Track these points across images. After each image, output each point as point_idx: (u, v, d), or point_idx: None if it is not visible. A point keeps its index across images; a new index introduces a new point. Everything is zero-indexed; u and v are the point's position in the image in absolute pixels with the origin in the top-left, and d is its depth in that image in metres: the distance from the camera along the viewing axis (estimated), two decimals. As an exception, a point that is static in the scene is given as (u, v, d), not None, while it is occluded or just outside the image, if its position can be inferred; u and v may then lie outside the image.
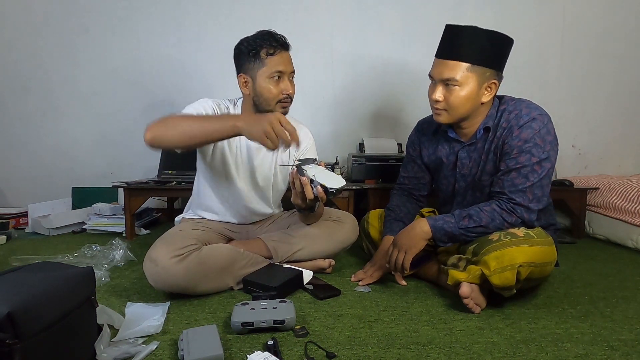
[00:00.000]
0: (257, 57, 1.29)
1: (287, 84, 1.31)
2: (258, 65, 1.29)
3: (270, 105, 1.32)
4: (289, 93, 1.32)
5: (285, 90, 1.31)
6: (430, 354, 0.93)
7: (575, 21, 2.45)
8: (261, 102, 1.33)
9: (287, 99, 1.33)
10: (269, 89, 1.30)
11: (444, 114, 1.27)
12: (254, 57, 1.29)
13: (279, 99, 1.31)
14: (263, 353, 0.87)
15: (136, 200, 2.05)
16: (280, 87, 1.30)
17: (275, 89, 1.30)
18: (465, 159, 1.35)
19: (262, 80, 1.30)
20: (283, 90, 1.31)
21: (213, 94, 2.40)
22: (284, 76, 1.31)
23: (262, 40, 1.29)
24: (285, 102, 1.33)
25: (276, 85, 1.30)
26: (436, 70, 1.25)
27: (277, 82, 1.30)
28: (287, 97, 1.32)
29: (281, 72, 1.29)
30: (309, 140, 1.50)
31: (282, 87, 1.31)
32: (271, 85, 1.30)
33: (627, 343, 0.98)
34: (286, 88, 1.31)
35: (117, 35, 2.45)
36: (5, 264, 1.62)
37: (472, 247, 1.21)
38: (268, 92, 1.30)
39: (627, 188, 1.98)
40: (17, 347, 0.65)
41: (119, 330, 1.00)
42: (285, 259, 1.43)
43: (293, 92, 1.34)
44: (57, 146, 2.53)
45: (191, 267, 1.20)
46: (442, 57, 1.24)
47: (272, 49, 1.28)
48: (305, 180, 1.14)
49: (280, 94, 1.31)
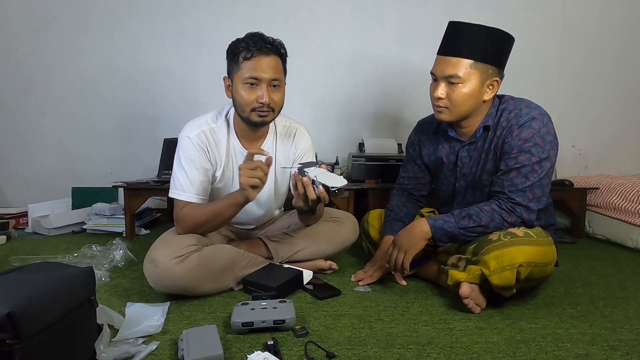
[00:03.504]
0: (236, 60, 1.23)
1: (262, 92, 1.21)
2: (236, 68, 1.24)
3: (245, 112, 1.25)
4: (264, 101, 1.21)
5: (260, 99, 1.21)
6: (430, 354, 0.93)
7: (575, 21, 2.45)
8: (237, 108, 1.28)
9: (264, 107, 1.23)
10: (242, 95, 1.23)
11: (446, 112, 1.27)
12: (235, 59, 1.24)
13: (253, 107, 1.23)
14: (263, 353, 0.87)
15: (136, 200, 2.05)
16: (255, 94, 1.22)
17: (248, 95, 1.22)
18: (465, 159, 1.35)
19: (238, 85, 1.23)
20: (258, 99, 1.21)
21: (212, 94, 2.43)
22: (260, 83, 1.21)
23: (244, 42, 1.22)
24: (262, 111, 1.23)
25: (250, 92, 1.22)
26: (438, 67, 1.25)
27: (252, 89, 1.22)
28: (262, 105, 1.22)
29: (255, 79, 1.21)
30: (307, 141, 1.49)
31: (257, 94, 1.21)
32: (244, 92, 1.22)
33: (627, 343, 0.98)
34: (260, 97, 1.21)
35: (117, 35, 2.45)
36: (5, 264, 1.62)
37: (472, 247, 1.21)
38: (241, 99, 1.23)
39: (627, 188, 1.98)
40: (17, 347, 0.65)
41: (119, 330, 1.00)
42: (286, 259, 1.44)
43: (273, 101, 1.24)
44: (57, 146, 2.53)
45: (191, 268, 1.19)
46: (444, 54, 1.24)
47: (250, 52, 1.20)
48: (307, 181, 1.14)
49: (254, 102, 1.22)
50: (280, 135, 1.44)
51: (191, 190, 1.30)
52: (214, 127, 1.34)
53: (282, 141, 1.44)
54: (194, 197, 1.30)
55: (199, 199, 1.31)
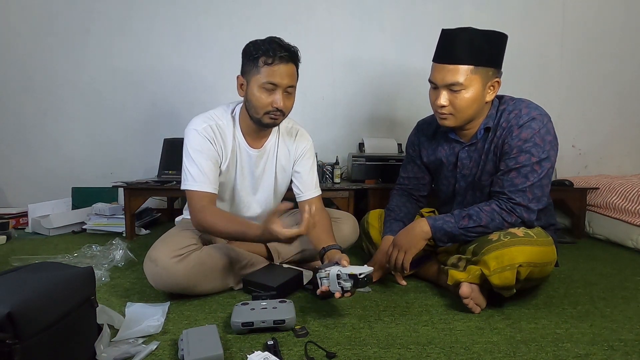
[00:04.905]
0: (255, 63, 1.24)
1: (278, 97, 1.24)
2: (255, 71, 1.25)
3: (258, 114, 1.27)
4: (278, 106, 1.24)
5: (275, 104, 1.24)
6: (430, 354, 0.93)
7: (575, 21, 2.45)
8: (250, 109, 1.30)
9: (277, 112, 1.26)
10: (258, 97, 1.25)
11: (451, 118, 1.26)
12: (253, 61, 1.25)
13: (267, 110, 1.25)
14: (263, 353, 0.87)
15: (136, 200, 2.05)
16: (271, 99, 1.24)
17: (265, 99, 1.24)
18: (465, 160, 1.35)
19: (255, 87, 1.25)
20: (273, 103, 1.24)
21: (213, 94, 2.43)
22: (277, 89, 1.24)
23: (265, 46, 1.23)
24: (275, 114, 1.26)
25: (267, 96, 1.24)
26: (438, 75, 1.24)
27: (269, 93, 1.24)
28: (276, 110, 1.25)
29: (274, 85, 1.23)
30: (308, 142, 1.49)
31: (273, 99, 1.24)
32: (262, 95, 1.24)
33: (627, 343, 0.98)
34: (275, 101, 1.24)
35: (117, 35, 2.45)
36: (5, 264, 1.62)
37: (472, 247, 1.21)
38: (257, 101, 1.25)
39: (627, 188, 1.98)
40: (17, 347, 0.65)
41: (119, 330, 1.00)
42: (286, 260, 1.44)
43: (285, 107, 1.27)
44: (57, 146, 2.53)
45: (191, 267, 1.20)
46: (442, 62, 1.23)
47: (271, 59, 1.22)
48: (326, 288, 1.10)
49: (269, 105, 1.24)
50: (282, 135, 1.45)
51: (203, 179, 1.28)
52: (220, 123, 1.35)
53: (284, 141, 1.45)
54: (207, 186, 1.28)
55: (212, 187, 1.30)
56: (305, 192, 1.46)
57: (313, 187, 1.47)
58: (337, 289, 1.07)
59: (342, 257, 1.14)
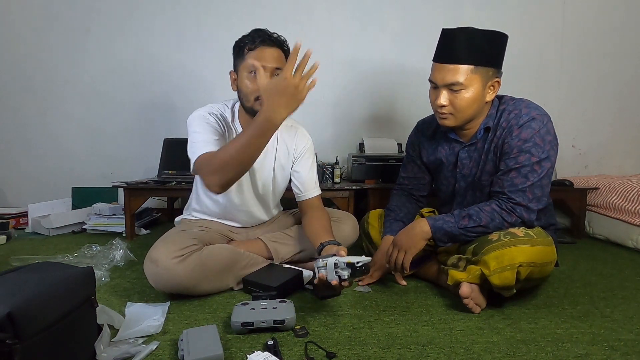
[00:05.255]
0: (242, 54, 1.27)
1: (265, 80, 1.13)
2: (241, 60, 1.27)
3: (249, 101, 1.27)
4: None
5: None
6: (430, 354, 0.93)
7: (575, 21, 2.45)
8: (242, 99, 1.30)
9: None
10: (246, 84, 1.26)
11: (451, 118, 1.26)
12: (240, 53, 1.28)
13: (257, 96, 1.24)
14: (263, 353, 0.87)
15: (136, 200, 2.05)
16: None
17: (252, 84, 1.24)
18: (465, 159, 1.35)
19: (242, 75, 1.27)
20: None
21: (213, 93, 2.43)
22: (264, 72, 1.17)
23: (249, 36, 1.27)
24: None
25: (254, 81, 1.23)
26: (438, 75, 1.24)
27: (256, 78, 1.19)
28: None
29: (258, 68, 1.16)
30: (307, 140, 1.49)
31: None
32: (248, 81, 1.25)
33: (627, 343, 0.98)
34: (263, 84, 1.17)
35: (117, 35, 2.45)
36: (5, 264, 1.62)
37: (472, 247, 1.21)
38: (245, 87, 1.26)
39: (627, 188, 1.98)
40: (17, 347, 0.65)
41: (119, 330, 1.00)
42: (286, 259, 1.44)
43: None
44: (57, 146, 2.53)
45: (192, 267, 1.19)
46: (442, 62, 1.23)
47: (253, 43, 1.24)
48: (323, 276, 1.09)
49: (258, 90, 1.19)
50: (282, 133, 1.45)
51: (211, 142, 1.22)
52: (223, 113, 1.37)
53: (283, 139, 1.45)
54: (215, 148, 1.21)
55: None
56: (305, 192, 1.46)
57: (313, 187, 1.47)
58: (334, 277, 1.07)
59: (340, 249, 1.15)
